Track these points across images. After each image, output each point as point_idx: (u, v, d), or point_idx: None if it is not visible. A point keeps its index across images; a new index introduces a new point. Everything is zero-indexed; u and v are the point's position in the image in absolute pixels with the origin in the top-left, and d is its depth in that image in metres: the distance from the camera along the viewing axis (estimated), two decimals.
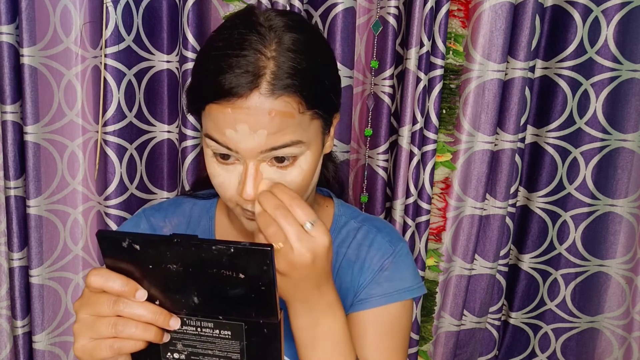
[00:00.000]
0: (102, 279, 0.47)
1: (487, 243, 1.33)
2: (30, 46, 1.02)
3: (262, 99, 0.54)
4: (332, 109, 0.62)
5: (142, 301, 0.48)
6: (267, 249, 0.45)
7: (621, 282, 1.36)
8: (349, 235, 0.73)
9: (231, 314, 0.49)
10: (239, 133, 0.55)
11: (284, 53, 0.55)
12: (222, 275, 0.46)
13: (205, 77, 0.56)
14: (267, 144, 0.55)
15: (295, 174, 0.58)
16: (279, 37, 0.55)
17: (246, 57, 0.54)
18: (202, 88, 0.57)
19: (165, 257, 0.46)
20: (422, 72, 1.14)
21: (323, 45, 0.61)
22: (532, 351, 1.44)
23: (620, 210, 1.32)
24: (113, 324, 0.47)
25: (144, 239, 0.46)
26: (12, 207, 1.08)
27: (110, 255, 0.48)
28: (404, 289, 0.70)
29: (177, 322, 0.49)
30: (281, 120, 0.55)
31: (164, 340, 0.50)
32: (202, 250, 0.45)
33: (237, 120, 0.54)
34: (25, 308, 1.13)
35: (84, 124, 1.15)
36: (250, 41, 0.55)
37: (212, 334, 0.50)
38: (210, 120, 0.56)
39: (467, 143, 1.25)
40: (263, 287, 0.47)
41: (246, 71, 0.53)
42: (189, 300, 0.48)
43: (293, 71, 0.55)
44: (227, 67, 0.54)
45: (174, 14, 1.14)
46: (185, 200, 0.77)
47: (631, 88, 1.26)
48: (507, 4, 1.16)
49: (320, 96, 0.58)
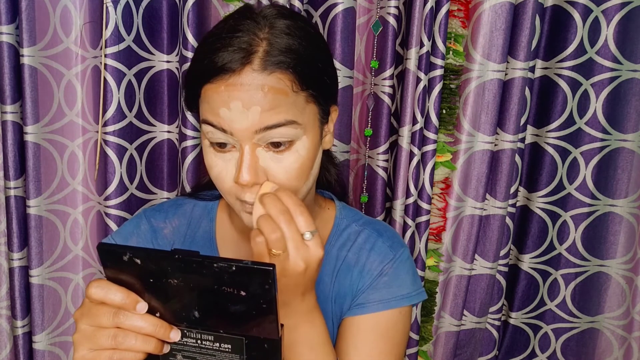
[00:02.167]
0: (103, 291, 0.47)
1: (487, 243, 1.33)
2: (30, 46, 1.02)
3: (254, 75, 0.55)
4: (328, 96, 0.62)
5: (143, 313, 0.48)
6: (269, 268, 0.44)
7: (621, 282, 1.36)
8: (350, 239, 0.73)
9: (232, 328, 0.49)
10: (233, 111, 0.55)
11: (276, 34, 0.56)
12: (223, 292, 0.46)
13: (199, 60, 0.57)
14: (261, 121, 0.55)
15: (292, 160, 0.58)
16: (272, 22, 0.57)
17: (240, 37, 0.56)
18: (197, 71, 0.58)
19: (167, 272, 0.46)
20: (422, 72, 1.14)
21: (314, 31, 0.62)
22: (532, 351, 1.44)
23: (620, 210, 1.32)
24: (113, 336, 0.47)
25: (145, 253, 0.46)
26: (12, 207, 1.08)
27: (110, 267, 0.48)
28: (402, 296, 0.69)
29: (177, 334, 0.49)
30: (274, 97, 0.55)
31: (164, 352, 0.50)
32: (203, 267, 0.45)
33: (231, 97, 0.55)
34: (25, 308, 1.13)
35: (84, 124, 1.15)
36: (243, 25, 0.57)
37: (212, 346, 0.50)
38: (206, 103, 0.57)
39: (467, 143, 1.25)
40: (264, 304, 0.46)
41: (239, 48, 0.55)
42: (190, 314, 0.48)
43: (285, 49, 0.56)
44: (220, 47, 0.55)
45: (174, 14, 1.14)
46: (186, 201, 0.77)
47: (631, 88, 1.25)
48: (507, 4, 1.16)
49: (313, 77, 0.59)
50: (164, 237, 0.74)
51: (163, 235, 0.74)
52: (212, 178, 0.61)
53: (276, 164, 0.58)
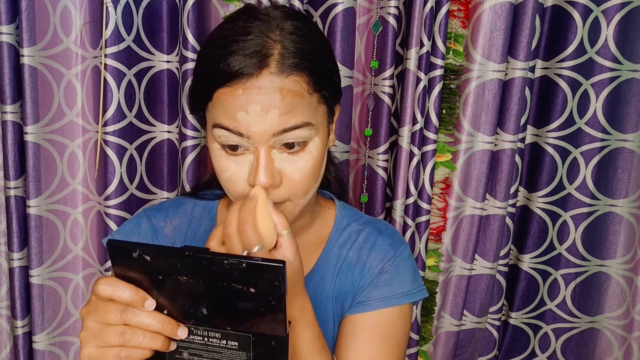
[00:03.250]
0: (111, 288, 0.47)
1: (487, 243, 1.33)
2: (30, 46, 1.02)
3: (272, 78, 0.54)
4: (336, 95, 0.63)
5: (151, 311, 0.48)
6: (280, 265, 0.44)
7: (621, 282, 1.36)
8: (351, 238, 0.73)
9: (239, 325, 0.49)
10: (251, 115, 0.54)
11: (288, 36, 0.56)
12: (232, 289, 0.46)
13: (212, 64, 0.56)
14: (279, 124, 0.55)
15: (306, 160, 0.58)
16: (280, 24, 0.57)
17: (252, 40, 0.55)
18: (209, 75, 0.57)
19: (176, 269, 0.46)
20: (422, 72, 1.14)
21: (320, 32, 0.63)
22: (532, 351, 1.44)
23: (620, 210, 1.32)
24: (120, 333, 0.47)
25: (156, 250, 0.46)
26: (12, 207, 1.08)
27: (119, 264, 0.48)
28: (402, 294, 0.69)
29: (184, 331, 0.49)
30: (292, 99, 0.55)
31: (171, 349, 0.50)
32: (213, 264, 0.45)
33: (249, 100, 0.54)
34: (25, 308, 1.13)
35: (84, 124, 1.15)
36: (254, 27, 0.56)
37: (219, 344, 0.50)
38: (219, 107, 0.56)
39: (467, 143, 1.25)
40: (273, 301, 0.46)
41: (254, 51, 0.54)
42: (198, 311, 0.48)
43: (299, 52, 0.56)
44: (234, 50, 0.55)
45: (174, 14, 1.14)
46: (186, 201, 0.77)
47: (631, 88, 1.26)
48: (507, 4, 1.16)
49: (326, 78, 0.59)
50: (165, 236, 0.74)
51: (164, 235, 0.74)
52: (222, 181, 0.61)
53: (291, 165, 0.58)
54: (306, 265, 0.72)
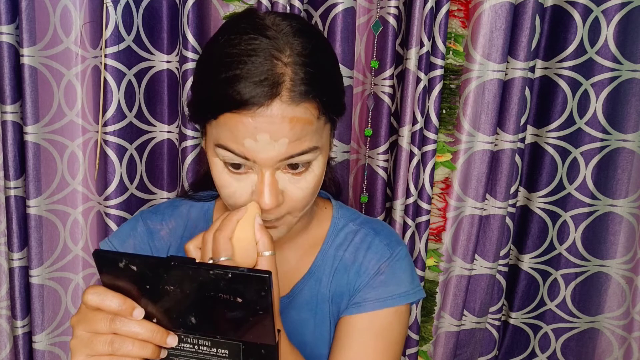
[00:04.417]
0: (99, 297, 0.47)
1: (487, 243, 1.33)
2: (30, 46, 1.02)
3: (283, 107, 0.53)
4: (341, 113, 0.63)
5: (139, 319, 0.48)
6: (265, 275, 0.44)
7: (621, 282, 1.36)
8: (347, 238, 0.73)
9: (229, 334, 0.49)
10: (259, 143, 0.53)
11: (298, 59, 0.54)
12: (220, 299, 0.46)
13: (219, 86, 0.54)
14: (287, 152, 0.54)
15: (309, 179, 0.58)
16: (290, 42, 0.54)
17: (262, 64, 0.52)
18: (216, 97, 0.54)
19: (162, 279, 0.46)
20: (422, 72, 1.14)
21: (330, 49, 0.61)
22: (532, 351, 1.44)
23: (620, 210, 1.32)
24: (110, 342, 0.47)
25: (141, 260, 0.46)
26: (12, 207, 1.08)
27: (106, 274, 0.48)
28: (399, 294, 0.69)
29: (174, 339, 0.49)
30: (302, 128, 0.54)
31: (161, 357, 0.50)
32: (199, 274, 0.45)
33: (258, 129, 0.53)
34: (25, 308, 1.13)
35: (84, 124, 1.15)
36: (262, 46, 0.53)
37: (209, 352, 0.50)
38: (226, 130, 0.54)
39: (467, 143, 1.25)
40: (261, 311, 0.46)
41: (265, 79, 0.52)
42: (187, 320, 0.48)
43: (310, 77, 0.54)
44: (243, 75, 0.52)
45: (174, 14, 1.14)
46: (182, 202, 0.77)
47: (631, 88, 1.25)
48: (507, 4, 1.16)
49: (334, 100, 0.58)
50: (161, 239, 0.74)
51: (160, 237, 0.74)
52: (222, 195, 0.60)
53: (293, 185, 0.58)
54: (303, 266, 0.72)
